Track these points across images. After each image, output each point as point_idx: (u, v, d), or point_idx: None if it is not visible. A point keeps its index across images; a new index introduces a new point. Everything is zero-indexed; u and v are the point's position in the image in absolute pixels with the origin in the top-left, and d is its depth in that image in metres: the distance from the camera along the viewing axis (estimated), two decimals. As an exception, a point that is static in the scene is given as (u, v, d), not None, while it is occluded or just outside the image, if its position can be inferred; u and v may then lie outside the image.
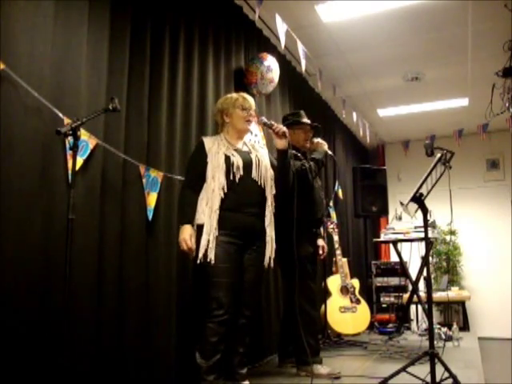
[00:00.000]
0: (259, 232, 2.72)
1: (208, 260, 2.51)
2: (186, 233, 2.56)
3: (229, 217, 2.59)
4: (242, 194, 2.64)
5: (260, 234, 2.73)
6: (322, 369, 3.07)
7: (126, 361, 2.44)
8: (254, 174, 2.71)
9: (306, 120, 3.44)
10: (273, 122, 2.89)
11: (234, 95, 2.85)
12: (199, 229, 2.58)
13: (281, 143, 2.83)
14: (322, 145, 3.43)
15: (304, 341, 3.07)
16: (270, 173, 2.82)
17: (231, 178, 2.62)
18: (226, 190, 2.59)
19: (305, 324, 3.08)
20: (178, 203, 2.76)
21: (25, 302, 1.95)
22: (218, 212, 2.55)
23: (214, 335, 2.49)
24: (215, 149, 2.68)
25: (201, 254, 2.52)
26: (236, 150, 2.75)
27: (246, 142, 2.90)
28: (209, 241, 2.52)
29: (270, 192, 2.79)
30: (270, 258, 2.77)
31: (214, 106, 2.96)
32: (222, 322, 2.50)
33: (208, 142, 2.73)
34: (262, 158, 2.84)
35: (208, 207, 2.57)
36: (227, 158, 2.65)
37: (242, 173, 2.65)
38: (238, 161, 2.67)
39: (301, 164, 3.20)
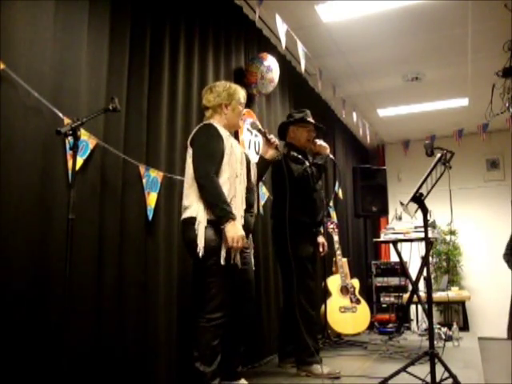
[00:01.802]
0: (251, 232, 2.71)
1: (234, 262, 2.42)
2: (242, 230, 2.37)
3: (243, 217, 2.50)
4: (250, 193, 2.61)
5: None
6: (321, 368, 3.07)
7: (126, 360, 2.43)
8: (253, 175, 2.70)
9: (311, 119, 3.44)
10: (267, 130, 2.90)
11: (239, 90, 2.70)
12: (212, 224, 2.40)
13: (270, 154, 2.81)
14: (325, 148, 3.39)
15: (304, 340, 3.09)
16: None
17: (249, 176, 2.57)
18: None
19: (304, 323, 3.09)
20: (217, 194, 2.37)
21: (25, 302, 1.95)
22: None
23: (215, 339, 2.41)
24: (231, 141, 2.54)
25: (224, 255, 2.38)
26: None
27: None
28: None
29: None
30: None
31: (209, 88, 2.73)
32: (221, 324, 2.44)
33: (220, 129, 2.54)
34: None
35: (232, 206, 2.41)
36: (245, 155, 2.57)
37: (253, 172, 2.62)
38: (253, 160, 2.62)
39: (303, 169, 3.21)
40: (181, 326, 2.83)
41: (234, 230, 2.33)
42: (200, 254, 2.36)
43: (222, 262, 2.38)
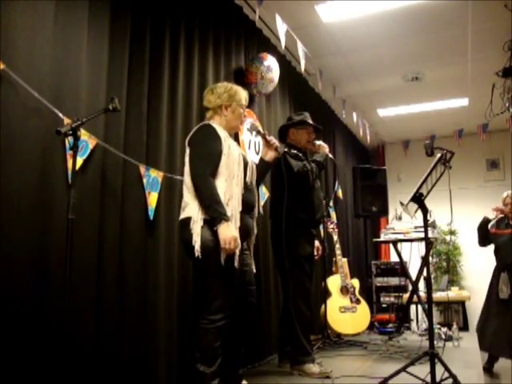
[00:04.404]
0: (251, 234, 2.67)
1: (234, 262, 2.37)
2: (234, 231, 2.33)
3: (241, 218, 2.44)
4: (248, 195, 2.56)
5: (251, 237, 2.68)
6: (313, 367, 3.09)
7: (126, 361, 2.43)
8: (251, 177, 2.62)
9: (310, 121, 3.47)
10: (266, 132, 2.88)
11: (240, 91, 2.65)
12: (209, 224, 2.35)
13: (270, 155, 2.78)
14: (324, 148, 3.47)
15: (299, 340, 3.10)
16: None
17: (245, 178, 2.52)
18: (243, 191, 2.47)
19: (299, 323, 3.11)
20: (210, 195, 2.34)
21: (25, 302, 1.95)
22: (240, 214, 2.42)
23: (216, 340, 2.36)
24: (229, 142, 2.49)
25: (225, 255, 2.34)
26: None
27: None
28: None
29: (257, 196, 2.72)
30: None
31: (210, 89, 2.69)
32: (223, 326, 2.40)
33: (219, 129, 2.50)
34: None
35: (226, 205, 2.37)
36: (243, 157, 2.53)
37: (251, 174, 2.58)
38: (250, 161, 2.57)
39: (303, 165, 3.23)
40: (181, 326, 2.83)
41: (226, 232, 2.29)
42: (196, 254, 2.31)
43: (222, 262, 2.36)
